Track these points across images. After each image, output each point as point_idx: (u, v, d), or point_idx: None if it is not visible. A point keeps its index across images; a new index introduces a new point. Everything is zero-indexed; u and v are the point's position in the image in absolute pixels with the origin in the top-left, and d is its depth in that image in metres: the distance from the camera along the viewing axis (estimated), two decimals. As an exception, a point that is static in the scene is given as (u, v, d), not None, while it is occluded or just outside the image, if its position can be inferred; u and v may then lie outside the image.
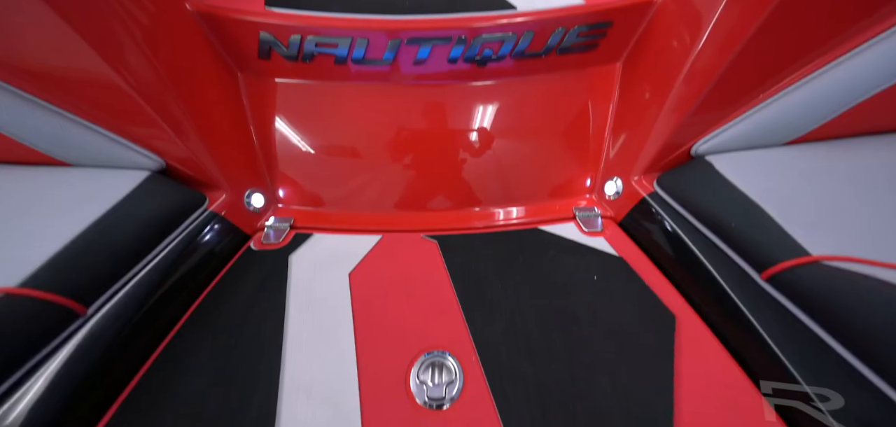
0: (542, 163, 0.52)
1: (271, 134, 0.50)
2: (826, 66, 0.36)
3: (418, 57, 0.46)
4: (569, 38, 0.46)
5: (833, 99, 0.37)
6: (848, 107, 0.37)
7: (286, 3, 0.45)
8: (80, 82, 0.36)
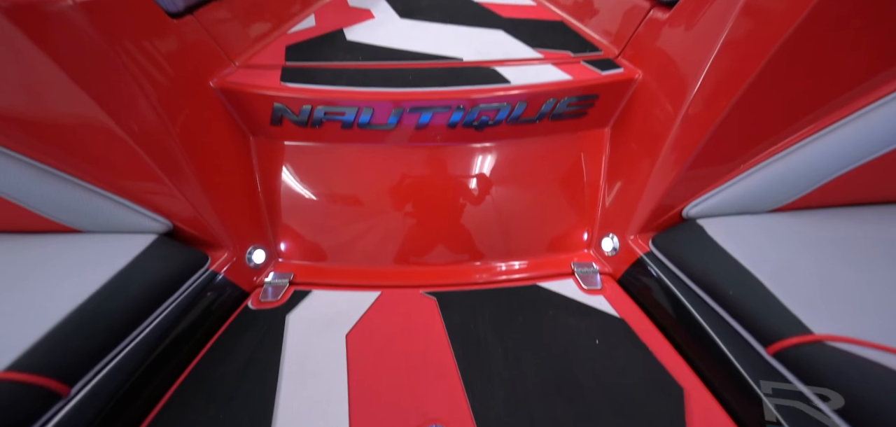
0: (538, 218, 0.53)
1: (277, 191, 0.52)
2: (812, 136, 0.38)
3: (420, 122, 0.49)
4: (559, 107, 0.49)
5: (820, 167, 0.38)
6: (835, 176, 0.38)
7: (299, 78, 0.49)
8: (94, 148, 0.37)
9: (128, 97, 0.36)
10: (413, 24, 0.72)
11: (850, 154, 0.37)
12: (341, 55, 0.57)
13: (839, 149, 0.37)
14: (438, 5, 0.83)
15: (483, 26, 0.70)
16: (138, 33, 0.38)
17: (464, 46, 0.60)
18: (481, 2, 0.85)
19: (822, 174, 0.38)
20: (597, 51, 0.57)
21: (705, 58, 0.38)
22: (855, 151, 0.36)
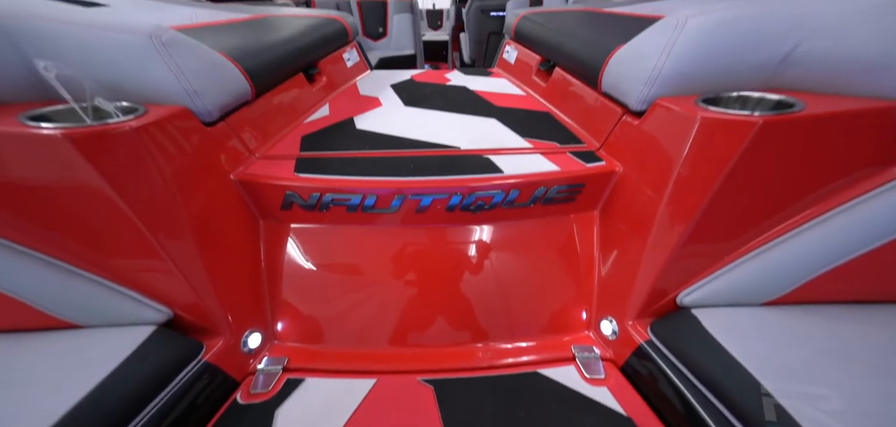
0: (535, 297, 0.54)
1: (280, 270, 0.53)
2: (800, 227, 0.40)
3: (420, 205, 0.53)
4: (550, 193, 0.53)
5: (811, 259, 0.40)
6: (827, 269, 0.39)
7: (311, 168, 0.54)
8: (107, 236, 0.39)
9: (151, 191, 0.39)
10: (416, 112, 0.80)
11: (840, 246, 0.38)
12: (350, 143, 0.63)
13: (829, 240, 0.38)
14: (439, 93, 0.93)
15: (478, 114, 0.78)
16: (176, 144, 0.42)
17: (461, 135, 0.67)
18: (477, 90, 0.96)
19: (814, 267, 0.39)
20: (580, 143, 0.63)
21: (676, 160, 0.42)
22: (846, 244, 0.38)
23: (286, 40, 0.76)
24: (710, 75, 0.45)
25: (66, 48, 0.39)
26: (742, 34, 0.43)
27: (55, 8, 0.47)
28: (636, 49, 0.52)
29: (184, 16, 0.86)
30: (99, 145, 0.34)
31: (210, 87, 0.48)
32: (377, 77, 1.10)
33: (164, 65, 0.42)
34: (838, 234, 0.38)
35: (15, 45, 0.38)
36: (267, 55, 0.67)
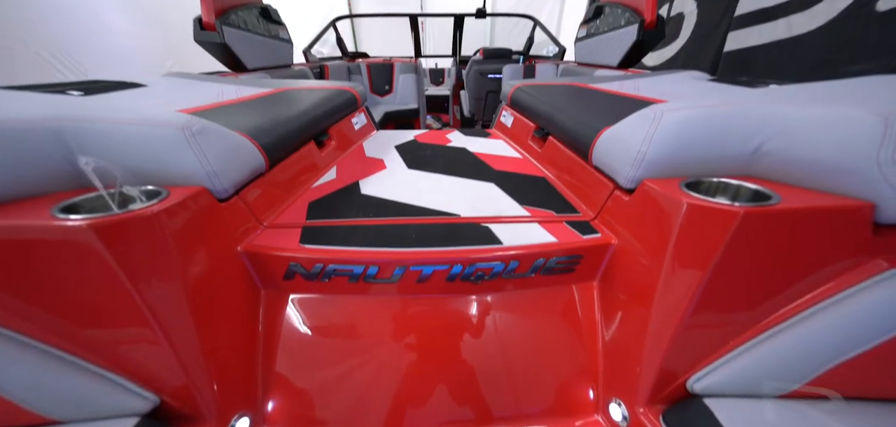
0: (539, 374, 0.52)
1: (276, 344, 0.52)
2: (800, 316, 0.39)
3: (421, 276, 0.53)
4: (549, 264, 0.54)
5: (820, 351, 0.38)
6: (838, 362, 0.38)
7: (316, 238, 0.56)
8: (93, 314, 0.38)
9: (160, 272, 0.40)
10: (418, 175, 0.84)
11: (844, 340, 0.37)
12: (354, 211, 0.66)
13: (830, 333, 0.37)
14: (440, 155, 0.99)
15: (478, 178, 0.81)
16: (191, 224, 0.44)
17: (461, 201, 0.69)
18: (476, 152, 1.01)
19: (823, 359, 0.38)
20: (576, 212, 0.64)
21: (668, 239, 0.43)
22: (849, 338, 0.37)
23: (300, 114, 0.83)
24: (688, 162, 0.48)
25: (107, 143, 0.44)
26: (711, 129, 0.47)
27: (103, 105, 0.53)
28: (621, 133, 0.56)
29: (212, 93, 0.95)
30: (118, 232, 0.36)
31: (228, 168, 0.51)
32: (382, 138, 1.17)
33: (191, 152, 0.46)
34: (838, 327, 0.37)
35: (65, 143, 0.42)
36: (282, 129, 0.73)
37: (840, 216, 0.38)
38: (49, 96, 0.51)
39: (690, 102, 0.52)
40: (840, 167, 0.39)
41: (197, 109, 0.77)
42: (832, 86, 0.54)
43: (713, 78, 1.10)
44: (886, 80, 0.52)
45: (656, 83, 1.08)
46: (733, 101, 0.50)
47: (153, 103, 0.79)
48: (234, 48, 1.41)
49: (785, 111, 0.45)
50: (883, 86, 0.49)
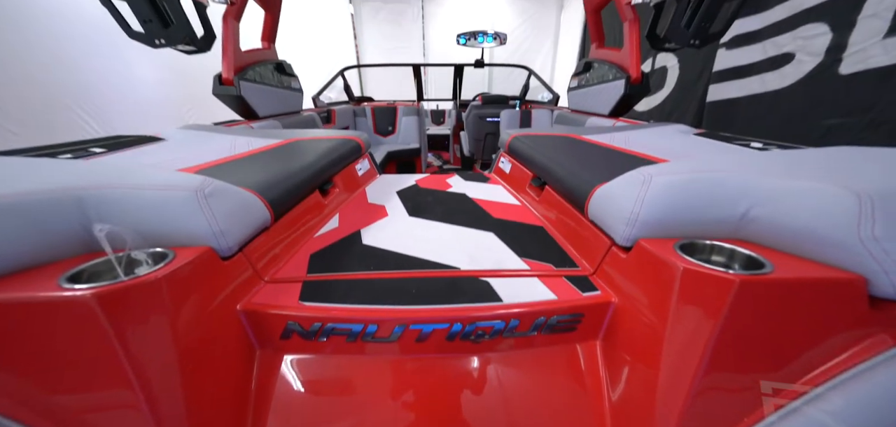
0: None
1: (267, 407, 0.50)
2: (811, 393, 0.38)
3: (421, 335, 0.53)
4: (550, 322, 0.54)
5: None
6: None
7: (316, 295, 0.56)
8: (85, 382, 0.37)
9: (156, 341, 0.39)
10: (419, 223, 0.86)
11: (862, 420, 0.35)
12: (355, 263, 0.66)
13: (846, 411, 0.36)
14: (440, 202, 1.01)
15: (477, 227, 0.83)
16: (194, 286, 0.45)
17: (461, 252, 0.70)
18: (476, 198, 1.04)
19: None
20: (574, 266, 0.65)
21: (667, 305, 0.43)
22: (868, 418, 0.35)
23: (307, 165, 0.87)
24: (680, 223, 0.50)
25: (125, 208, 0.46)
26: (698, 194, 0.50)
27: (123, 168, 0.56)
28: (614, 192, 0.59)
29: (225, 146, 1.00)
30: (119, 300, 0.37)
31: (235, 226, 0.53)
32: (385, 183, 1.21)
33: (202, 214, 0.48)
34: (856, 409, 0.36)
35: (84, 212, 0.44)
36: (289, 183, 0.76)
37: (834, 288, 0.39)
38: (73, 162, 0.54)
39: (677, 166, 0.55)
40: (826, 239, 0.40)
41: (210, 164, 0.81)
42: (806, 155, 0.58)
43: (698, 132, 1.17)
44: (855, 152, 0.55)
45: (644, 137, 1.14)
46: (716, 167, 0.53)
47: (170, 158, 0.83)
48: (248, 100, 1.51)
49: (765, 182, 0.47)
50: (852, 158, 0.53)
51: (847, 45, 1.48)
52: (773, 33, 1.82)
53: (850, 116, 1.47)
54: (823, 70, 1.58)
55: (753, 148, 0.88)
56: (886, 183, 0.40)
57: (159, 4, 1.22)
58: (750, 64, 1.96)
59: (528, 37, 5.74)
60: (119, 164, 0.76)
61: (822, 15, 1.58)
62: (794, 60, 1.71)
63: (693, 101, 2.44)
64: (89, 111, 2.27)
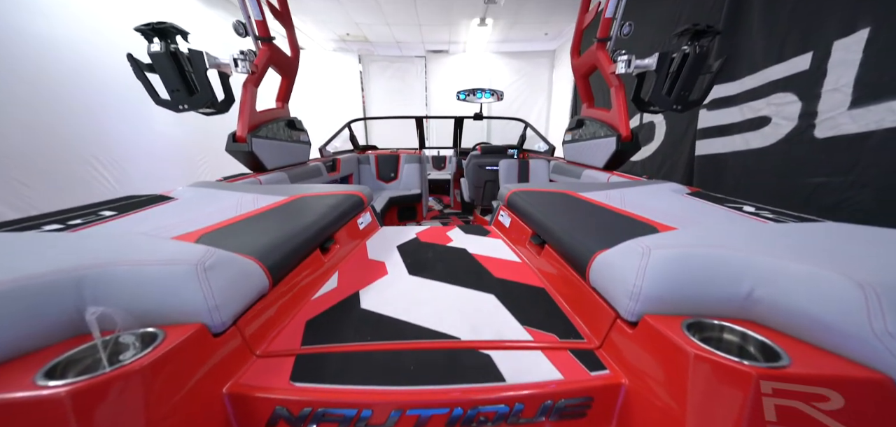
0: None
1: None
2: None
3: (418, 422, 0.49)
4: (558, 407, 0.51)
5: None
6: None
7: (309, 372, 0.53)
8: None
9: None
10: (418, 283, 0.85)
11: None
12: (352, 332, 0.64)
13: None
14: (441, 259, 1.01)
15: (478, 288, 0.82)
16: (180, 368, 0.43)
17: (461, 319, 0.68)
18: (476, 254, 1.04)
19: None
20: (580, 338, 0.63)
21: (683, 390, 0.42)
22: None
23: (309, 225, 0.89)
24: (685, 299, 0.50)
25: (123, 286, 0.46)
26: (700, 271, 0.50)
27: (127, 241, 0.56)
28: (615, 261, 0.59)
29: (231, 205, 1.03)
30: (97, 395, 0.35)
31: (231, 300, 0.52)
32: (386, 236, 1.22)
33: (200, 288, 0.48)
34: None
35: (80, 293, 0.44)
36: (290, 245, 0.77)
37: (859, 387, 0.37)
38: (79, 236, 0.55)
39: (674, 238, 0.56)
40: (838, 330, 0.39)
41: (216, 226, 0.83)
42: (800, 231, 0.58)
43: (691, 191, 1.21)
44: (846, 231, 0.56)
45: (639, 196, 1.18)
46: (712, 239, 0.53)
47: (178, 221, 0.85)
48: (258, 155, 1.59)
49: (765, 261, 0.48)
50: (847, 239, 0.54)
51: (817, 113, 1.60)
52: (748, 99, 1.98)
53: (834, 176, 1.53)
54: (800, 133, 1.69)
55: (746, 212, 0.91)
56: (888, 274, 0.40)
57: (187, 75, 1.34)
58: (731, 124, 2.10)
59: (523, 91, 6.21)
60: (127, 230, 0.77)
61: (788, 86, 1.74)
62: (772, 123, 1.84)
63: (682, 155, 2.56)
64: (105, 164, 2.38)
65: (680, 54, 1.47)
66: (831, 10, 1.52)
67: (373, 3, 4.07)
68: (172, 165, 3.01)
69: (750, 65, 1.95)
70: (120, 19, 2.48)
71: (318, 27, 4.95)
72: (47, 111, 2.06)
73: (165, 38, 1.28)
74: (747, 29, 1.95)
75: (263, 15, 1.63)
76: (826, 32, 1.55)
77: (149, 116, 2.64)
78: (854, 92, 1.44)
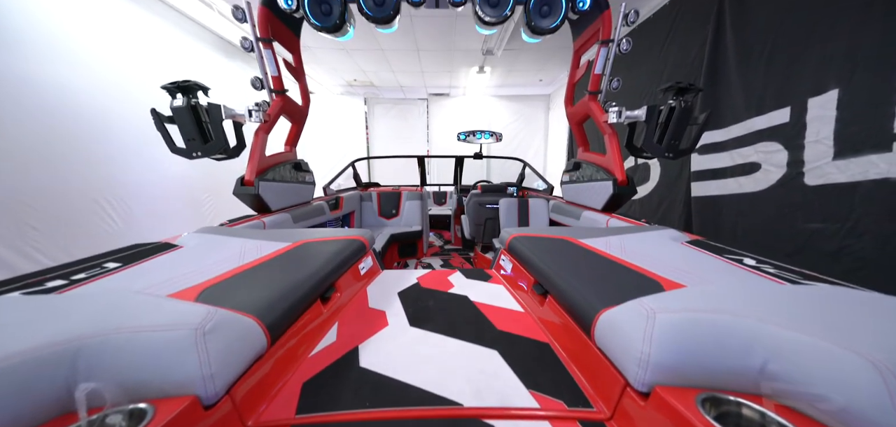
0: None
1: None
2: None
3: None
4: None
5: None
6: None
7: (314, 406, 0.52)
8: None
9: None
10: (419, 336, 0.83)
11: None
12: (350, 396, 0.62)
13: None
14: (442, 307, 0.99)
15: (480, 343, 0.80)
16: None
17: (462, 381, 0.66)
18: (477, 303, 1.03)
19: None
20: (589, 406, 0.61)
21: None
22: None
23: (311, 275, 0.89)
24: (697, 370, 0.48)
25: (116, 357, 0.45)
26: (708, 339, 0.49)
27: (126, 302, 0.56)
28: (620, 323, 0.58)
29: (234, 253, 1.04)
30: None
31: (227, 366, 0.51)
32: (386, 282, 1.22)
33: (196, 355, 0.47)
34: None
35: (74, 366, 0.43)
36: (291, 298, 0.76)
37: None
38: (80, 299, 0.54)
39: (678, 300, 0.55)
40: (863, 418, 0.38)
41: (219, 279, 0.83)
42: (805, 294, 0.57)
43: (690, 239, 1.22)
44: (855, 297, 0.56)
45: (639, 244, 1.19)
46: (718, 302, 0.52)
47: (182, 274, 0.85)
48: (264, 197, 1.63)
49: (775, 333, 0.47)
50: (856, 306, 0.53)
51: (804, 162, 1.67)
52: (736, 145, 2.07)
53: (830, 222, 1.56)
54: (790, 180, 1.75)
55: (747, 265, 0.91)
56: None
57: (204, 125, 1.42)
58: (723, 168, 2.18)
59: (520, 131, 6.50)
60: (129, 286, 0.77)
61: (773, 136, 1.83)
62: (762, 169, 1.91)
63: (679, 194, 2.61)
64: (112, 203, 2.43)
65: (667, 107, 1.56)
66: (801, 71, 1.65)
67: (379, 53, 4.41)
68: (177, 201, 3.07)
69: (734, 115, 2.07)
70: (142, 71, 2.67)
71: (329, 74, 5.32)
72: (60, 154, 2.14)
73: (188, 94, 1.38)
74: (726, 84, 2.10)
75: (279, 71, 1.77)
76: (800, 90, 1.66)
77: (157, 159, 2.73)
78: (835, 145, 1.52)
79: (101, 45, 2.41)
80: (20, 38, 1.94)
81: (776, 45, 1.79)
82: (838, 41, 1.50)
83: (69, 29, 2.21)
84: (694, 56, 2.38)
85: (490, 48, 4.11)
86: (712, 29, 2.17)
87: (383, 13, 1.54)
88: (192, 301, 0.64)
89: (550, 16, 1.65)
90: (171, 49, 2.97)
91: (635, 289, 0.66)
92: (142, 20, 2.74)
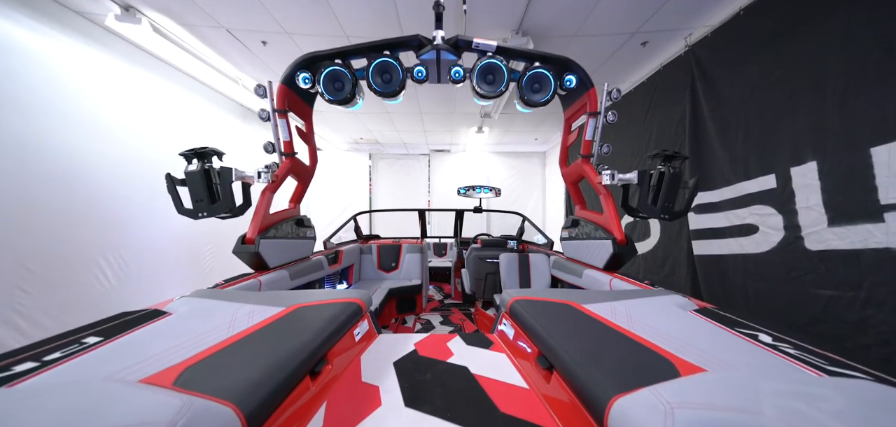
0: None
1: None
2: None
3: None
4: None
5: None
6: None
7: None
8: None
9: None
10: (416, 420, 0.76)
11: None
12: None
13: None
14: (440, 381, 0.92)
15: None
16: None
17: None
18: (478, 376, 0.95)
19: None
20: None
21: None
22: None
23: (301, 348, 0.84)
24: None
25: None
26: None
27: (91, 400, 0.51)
28: (635, 417, 0.53)
29: (225, 322, 0.99)
30: None
31: None
32: (382, 349, 1.14)
33: None
34: None
35: None
36: (277, 378, 0.70)
37: None
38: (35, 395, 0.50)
39: (697, 394, 0.51)
40: None
41: (202, 356, 0.78)
42: (838, 390, 0.53)
43: (698, 307, 1.18)
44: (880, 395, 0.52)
45: (646, 314, 1.14)
46: (740, 397, 0.49)
47: (165, 349, 0.80)
48: (263, 255, 1.63)
49: None
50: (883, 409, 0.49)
51: (801, 226, 1.68)
52: (730, 207, 2.12)
53: (844, 290, 1.49)
54: (791, 243, 1.74)
55: (763, 342, 0.86)
56: None
57: (213, 187, 1.48)
58: (720, 228, 2.19)
59: (518, 185, 6.74)
60: (103, 368, 0.70)
61: (764, 200, 1.88)
62: (760, 231, 1.92)
63: (682, 251, 2.59)
64: (106, 257, 2.40)
65: (657, 172, 1.64)
66: (777, 142, 1.75)
67: (385, 115, 4.79)
68: (177, 248, 3.04)
69: (723, 178, 2.15)
70: (162, 135, 2.85)
71: (336, 133, 5.72)
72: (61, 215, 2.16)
73: (203, 159, 1.46)
74: (710, 150, 2.23)
75: (291, 136, 1.90)
76: (780, 160, 1.75)
77: (159, 214, 2.76)
78: (827, 212, 1.54)
79: (125, 112, 2.59)
80: (37, 102, 2.03)
81: (749, 118, 1.93)
82: (807, 118, 1.61)
83: (96, 98, 2.39)
84: (676, 124, 2.56)
85: (488, 112, 4.48)
86: (689, 103, 2.38)
87: (390, 89, 1.71)
88: (169, 386, 0.60)
89: (541, 92, 1.82)
90: (193, 114, 3.21)
91: (649, 370, 0.61)
92: (169, 91, 2.99)
